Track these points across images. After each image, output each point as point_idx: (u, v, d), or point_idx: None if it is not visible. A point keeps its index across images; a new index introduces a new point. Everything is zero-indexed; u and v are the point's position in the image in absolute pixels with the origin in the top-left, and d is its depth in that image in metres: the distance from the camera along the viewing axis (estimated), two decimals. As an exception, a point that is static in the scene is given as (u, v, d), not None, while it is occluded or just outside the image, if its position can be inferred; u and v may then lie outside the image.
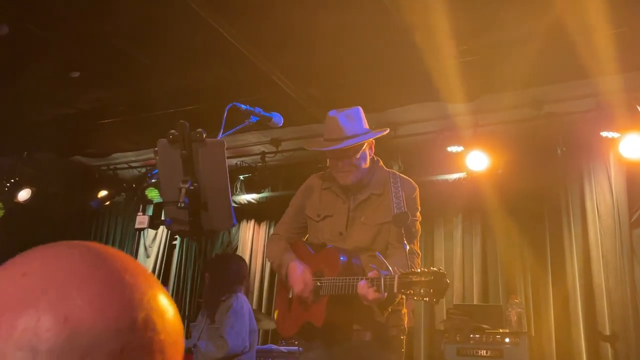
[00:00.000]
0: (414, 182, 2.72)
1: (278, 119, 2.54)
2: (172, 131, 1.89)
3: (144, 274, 0.59)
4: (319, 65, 4.85)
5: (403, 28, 4.17)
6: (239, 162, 7.04)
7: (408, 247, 2.41)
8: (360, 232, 2.61)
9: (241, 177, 7.18)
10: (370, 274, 2.28)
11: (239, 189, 7.19)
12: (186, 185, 1.86)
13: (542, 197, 5.99)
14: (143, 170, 7.60)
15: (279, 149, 6.59)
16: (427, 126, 5.91)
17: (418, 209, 2.67)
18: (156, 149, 1.96)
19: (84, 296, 0.53)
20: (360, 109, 2.76)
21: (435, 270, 2.10)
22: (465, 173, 5.94)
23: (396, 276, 2.17)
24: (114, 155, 7.32)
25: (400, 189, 2.61)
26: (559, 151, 5.40)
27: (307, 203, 2.79)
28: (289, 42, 4.51)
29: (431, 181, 6.14)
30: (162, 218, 1.97)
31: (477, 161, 5.62)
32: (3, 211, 6.21)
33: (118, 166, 7.69)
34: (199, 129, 1.89)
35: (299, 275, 2.52)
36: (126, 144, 6.89)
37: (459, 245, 6.38)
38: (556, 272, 5.75)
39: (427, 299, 2.09)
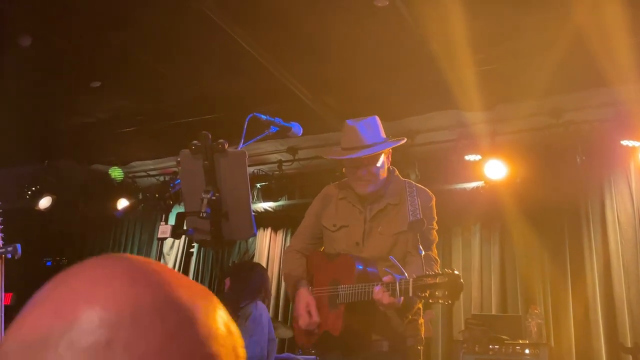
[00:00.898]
0: (430, 192, 2.72)
1: (297, 129, 2.55)
2: (195, 142, 1.92)
3: (212, 301, 0.55)
4: (336, 75, 4.88)
5: (420, 37, 4.19)
6: (256, 171, 7.08)
7: (424, 253, 2.41)
8: (377, 242, 2.61)
9: (258, 185, 7.22)
10: (385, 279, 2.29)
11: (255, 197, 7.23)
12: (208, 195, 1.88)
13: (561, 206, 5.94)
14: (161, 178, 7.68)
15: (296, 157, 6.61)
16: (445, 134, 5.91)
17: (434, 217, 2.67)
18: (179, 159, 1.98)
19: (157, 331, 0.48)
20: (377, 118, 2.77)
21: (450, 272, 2.11)
22: (483, 182, 5.92)
23: (411, 279, 2.18)
24: (133, 163, 7.40)
25: (416, 197, 2.62)
26: (578, 160, 5.36)
27: (323, 213, 2.80)
28: (306, 52, 4.55)
29: (449, 190, 6.12)
30: (185, 228, 1.99)
31: (496, 170, 5.60)
32: None
33: (137, 174, 7.77)
34: (221, 140, 1.91)
35: (303, 308, 2.55)
36: (145, 153, 6.97)
37: (477, 254, 6.35)
38: (576, 282, 5.69)
39: (442, 301, 2.10)
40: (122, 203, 7.48)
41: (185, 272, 7.95)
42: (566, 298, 5.70)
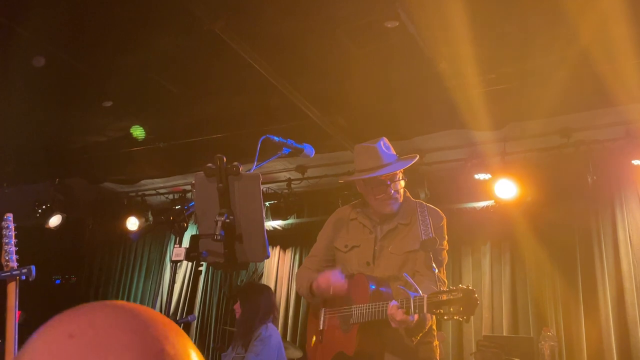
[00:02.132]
0: (441, 212, 2.75)
1: (310, 150, 2.58)
2: (209, 164, 1.94)
3: (183, 342, 0.60)
4: (346, 94, 4.91)
5: (430, 57, 4.22)
6: (265, 189, 7.10)
7: (437, 270, 2.42)
8: (387, 261, 2.63)
9: (267, 203, 7.23)
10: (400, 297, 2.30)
11: (264, 216, 7.24)
12: (222, 218, 1.90)
13: (572, 226, 5.92)
14: (170, 197, 7.72)
15: (305, 175, 6.64)
16: (455, 154, 5.92)
17: (445, 237, 2.69)
18: (193, 181, 2.01)
19: None
20: (386, 138, 2.81)
21: (464, 288, 2.10)
22: (493, 201, 5.91)
23: (425, 296, 2.19)
24: (143, 182, 7.45)
25: (427, 217, 2.64)
26: (589, 179, 5.35)
27: (336, 236, 2.84)
28: (317, 72, 4.59)
29: (459, 209, 6.11)
30: (199, 250, 2.01)
31: (506, 189, 5.59)
32: None
33: (146, 192, 7.82)
34: (235, 163, 1.93)
35: (326, 275, 2.58)
36: (155, 171, 7.02)
37: (488, 274, 6.31)
38: (588, 303, 5.64)
39: (457, 317, 2.09)
40: (132, 222, 7.51)
41: (194, 291, 8.00)
42: (578, 319, 5.65)
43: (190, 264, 7.89)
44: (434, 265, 2.43)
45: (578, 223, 5.90)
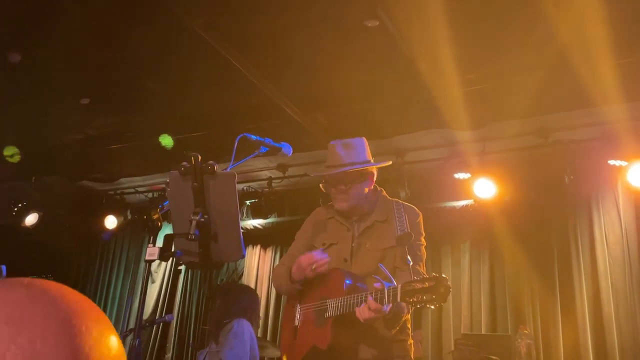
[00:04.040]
0: (417, 209, 2.81)
1: (287, 149, 2.58)
2: (184, 163, 1.93)
3: (97, 317, 0.62)
4: (326, 93, 4.92)
5: (409, 57, 4.25)
6: (245, 188, 7.08)
7: (411, 263, 2.44)
8: (365, 258, 2.66)
9: (247, 202, 7.21)
10: (375, 285, 2.32)
11: (245, 215, 7.22)
12: (197, 217, 1.89)
13: (550, 225, 5.99)
14: (150, 195, 7.66)
15: (286, 174, 6.63)
16: (434, 153, 5.96)
17: (422, 233, 2.75)
18: (167, 180, 1.99)
19: (36, 342, 0.56)
20: (365, 140, 2.84)
21: (436, 276, 2.16)
22: (472, 200, 5.97)
23: (399, 285, 2.23)
24: (121, 180, 7.38)
25: (403, 214, 2.70)
26: (566, 179, 5.42)
27: (315, 235, 2.87)
28: (296, 70, 4.59)
29: (438, 208, 6.16)
30: (173, 250, 2.00)
31: (485, 188, 5.65)
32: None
33: (125, 191, 7.75)
34: (210, 161, 1.93)
35: (307, 254, 2.60)
36: (133, 169, 6.96)
37: (467, 273, 6.37)
38: (565, 301, 5.72)
39: (429, 305, 2.14)
40: (110, 220, 7.44)
41: (173, 290, 7.96)
42: (555, 317, 5.73)
43: (169, 263, 7.85)
44: (409, 258, 2.46)
45: (555, 222, 5.98)
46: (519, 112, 4.76)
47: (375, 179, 2.82)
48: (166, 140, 5.66)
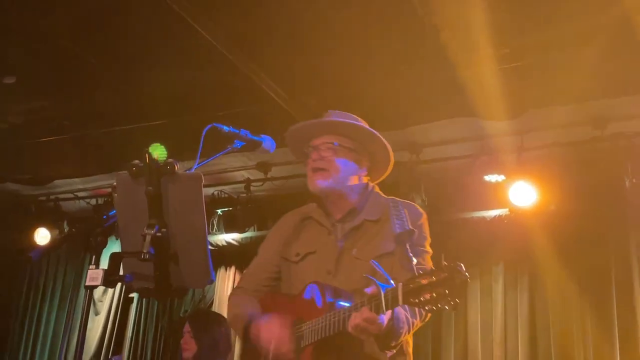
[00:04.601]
0: (420, 207, 2.82)
1: (269, 144, 2.57)
2: (135, 162, 1.92)
3: None
4: (320, 71, 4.91)
5: (430, 25, 4.24)
6: (216, 193, 7.06)
7: (416, 261, 2.41)
8: (352, 268, 2.61)
9: (219, 211, 7.19)
10: (368, 290, 2.24)
11: (216, 227, 7.20)
12: (152, 231, 1.87)
13: (607, 242, 5.99)
14: (92, 202, 7.62)
15: (268, 175, 6.62)
16: (459, 149, 5.96)
17: (427, 238, 2.74)
18: (114, 184, 1.98)
19: None
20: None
21: (448, 265, 2.05)
22: (507, 209, 5.96)
23: (400, 284, 2.14)
24: (56, 182, 7.35)
25: (402, 210, 2.69)
26: (627, 183, 5.43)
27: (284, 244, 2.85)
28: (282, 42, 4.58)
29: (464, 219, 6.15)
30: (121, 273, 1.99)
31: (523, 194, 5.65)
32: None
33: (61, 196, 7.71)
34: (170, 160, 1.91)
35: (269, 328, 2.53)
36: (71, 169, 6.94)
37: (500, 302, 6.36)
38: (625, 340, 5.71)
39: (442, 304, 2.02)
40: (41, 234, 7.40)
41: (122, 325, 7.91)
42: (613, 360, 5.72)
43: (118, 289, 7.81)
44: (413, 258, 2.41)
45: (613, 238, 5.97)
46: (568, 96, 4.77)
47: (367, 173, 2.87)
48: (158, 151, 5.65)
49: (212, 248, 7.25)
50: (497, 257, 6.43)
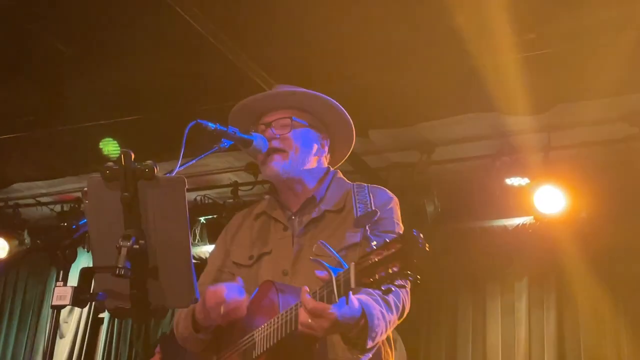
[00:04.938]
0: (390, 192, 2.79)
1: (261, 142, 2.58)
2: (109, 164, 1.91)
3: None
4: (318, 61, 4.90)
5: (442, 7, 4.24)
6: (199, 198, 7.06)
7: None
8: (312, 267, 2.55)
9: (202, 219, 7.19)
10: (319, 274, 2.17)
11: (198, 237, 7.20)
12: (128, 243, 1.87)
13: (645, 253, 6.00)
14: (57, 208, 7.61)
15: (259, 178, 6.62)
16: (476, 148, 5.99)
17: (398, 224, 2.69)
18: (85, 188, 1.98)
19: None
20: None
21: (403, 234, 1.95)
22: (532, 217, 5.98)
23: (352, 264, 2.04)
24: (15, 185, 7.33)
25: (368, 195, 2.68)
26: (669, 186, 5.44)
27: (232, 249, 2.85)
28: (277, 30, 4.58)
29: (482, 229, 6.16)
30: (92, 291, 1.99)
31: (550, 200, 5.66)
32: None
33: (21, 202, 7.69)
34: (149, 162, 1.90)
35: (216, 289, 2.52)
36: (34, 170, 6.92)
37: (524, 323, 6.37)
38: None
39: (402, 279, 1.92)
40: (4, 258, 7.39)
41: (92, 349, 7.91)
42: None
43: (86, 309, 7.80)
44: (374, 243, 2.30)
45: (654, 250, 5.99)
46: (601, 89, 4.76)
47: (327, 153, 2.87)
48: (110, 147, 5.66)
49: (195, 262, 7.19)
50: (520, 272, 6.44)
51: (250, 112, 2.85)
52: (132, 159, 1.92)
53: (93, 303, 2.01)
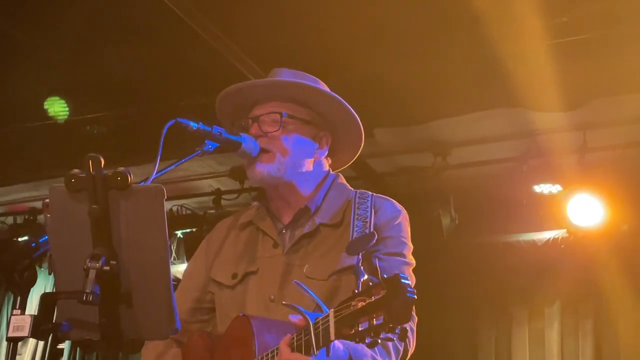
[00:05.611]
0: (398, 204, 2.76)
1: (251, 145, 2.57)
2: (75, 171, 1.90)
3: None
4: (314, 49, 4.90)
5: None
6: (176, 208, 7.06)
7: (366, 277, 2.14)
8: (302, 293, 2.54)
9: (179, 233, 7.20)
10: (294, 319, 2.18)
11: (174, 254, 7.20)
12: (97, 264, 1.84)
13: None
14: (9, 220, 7.61)
15: (244, 185, 6.63)
16: (499, 150, 6.01)
17: (407, 243, 2.69)
18: (46, 200, 1.97)
19: None
20: None
21: (387, 278, 1.93)
22: (565, 230, 6.00)
23: (331, 311, 2.05)
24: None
25: (369, 209, 2.66)
26: None
27: (214, 264, 2.82)
28: (265, 11, 4.59)
29: (506, 244, 6.17)
30: (55, 319, 1.98)
31: (586, 210, 5.67)
32: None
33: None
34: (121, 168, 1.89)
35: None
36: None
37: (556, 353, 6.39)
38: None
39: (386, 332, 1.95)
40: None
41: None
42: None
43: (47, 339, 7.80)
44: (364, 272, 2.27)
45: None
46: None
47: (328, 155, 2.83)
48: (56, 107, 5.59)
49: (173, 283, 7.22)
50: (551, 294, 6.45)
51: (239, 102, 2.81)
52: (102, 165, 1.91)
53: (55, 334, 1.99)
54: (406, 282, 1.89)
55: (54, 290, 1.99)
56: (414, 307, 1.95)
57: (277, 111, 2.69)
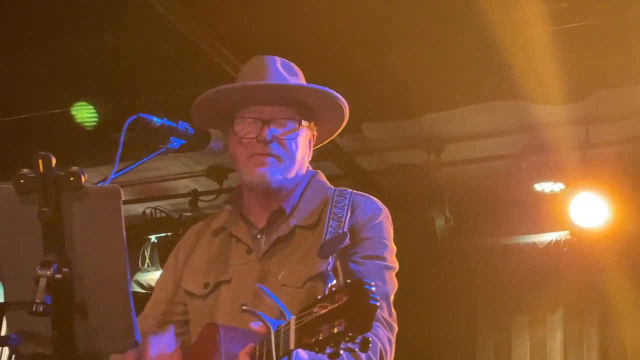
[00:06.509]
0: (379, 202, 2.75)
1: (219, 142, 2.56)
2: (24, 171, 1.89)
3: None
4: (296, 36, 4.90)
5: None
6: (149, 211, 7.04)
7: (334, 282, 2.22)
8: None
9: (153, 237, 7.19)
10: (255, 326, 2.18)
11: (148, 261, 7.19)
12: (48, 272, 1.84)
13: None
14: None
15: (223, 185, 6.63)
16: (498, 145, 6.01)
17: (388, 245, 2.67)
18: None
19: None
20: None
21: (349, 282, 1.97)
22: (568, 232, 6.02)
23: (293, 318, 2.03)
24: None
25: (346, 208, 2.65)
26: None
27: (184, 273, 2.83)
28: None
29: (506, 247, 6.18)
30: (4, 332, 1.97)
31: (590, 210, 5.68)
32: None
33: None
34: (75, 168, 1.88)
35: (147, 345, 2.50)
36: None
37: (559, 363, 6.41)
38: None
39: (347, 341, 1.94)
40: None
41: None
42: None
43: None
44: (332, 276, 2.28)
45: None
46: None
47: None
48: (84, 113, 5.54)
49: (144, 292, 7.21)
50: (554, 300, 6.47)
51: (240, 99, 2.73)
52: (54, 165, 1.90)
53: (4, 348, 1.99)
54: (369, 288, 1.85)
55: (3, 301, 1.99)
56: (395, 316, 1.94)
57: (293, 117, 2.67)
